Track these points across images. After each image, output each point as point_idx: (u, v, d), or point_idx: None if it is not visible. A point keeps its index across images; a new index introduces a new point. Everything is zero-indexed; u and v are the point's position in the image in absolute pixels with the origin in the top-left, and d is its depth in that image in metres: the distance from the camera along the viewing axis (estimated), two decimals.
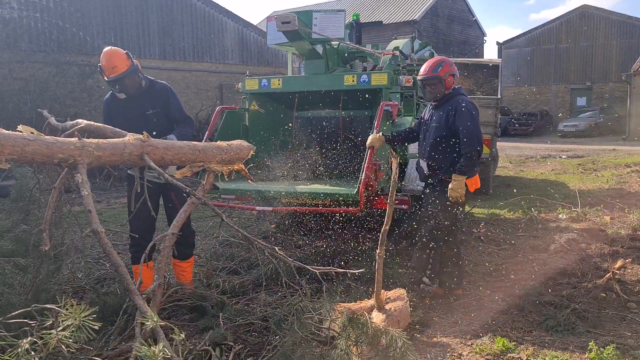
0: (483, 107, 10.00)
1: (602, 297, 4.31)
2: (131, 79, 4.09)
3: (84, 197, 2.60)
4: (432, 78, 4.49)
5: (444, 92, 4.51)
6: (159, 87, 4.30)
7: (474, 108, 4.45)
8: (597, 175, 12.55)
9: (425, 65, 4.59)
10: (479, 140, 4.36)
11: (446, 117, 4.42)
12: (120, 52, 4.09)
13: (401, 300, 3.82)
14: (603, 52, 30.98)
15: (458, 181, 4.27)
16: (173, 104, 4.29)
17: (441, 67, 4.49)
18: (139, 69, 4.14)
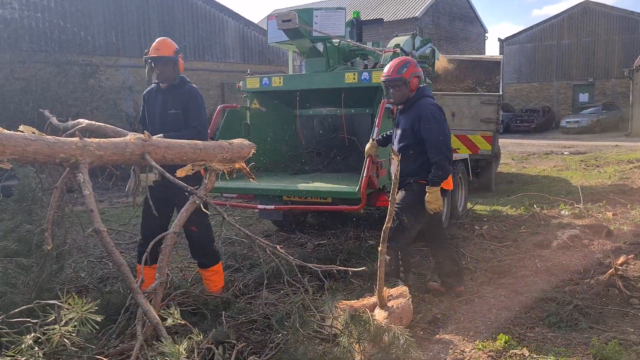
0: (485, 104, 10.01)
1: (604, 293, 4.30)
2: (164, 66, 4.15)
3: (85, 197, 2.60)
4: (396, 80, 4.32)
5: (409, 94, 4.36)
6: (187, 88, 4.27)
7: (439, 112, 4.31)
8: (600, 171, 12.53)
9: (389, 66, 4.41)
10: (446, 147, 4.24)
11: (411, 123, 4.28)
12: (170, 43, 4.23)
13: (403, 298, 3.82)
14: (605, 48, 30.89)
15: (433, 193, 4.16)
16: (191, 109, 4.20)
17: (406, 68, 4.32)
18: (179, 66, 4.21)
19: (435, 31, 32.29)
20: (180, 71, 4.26)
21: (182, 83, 4.28)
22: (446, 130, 4.30)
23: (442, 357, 3.37)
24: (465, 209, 7.70)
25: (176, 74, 4.22)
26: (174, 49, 4.19)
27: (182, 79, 4.30)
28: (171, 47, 4.19)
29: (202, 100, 4.30)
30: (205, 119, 4.29)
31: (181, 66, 4.25)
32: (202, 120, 4.24)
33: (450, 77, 11.41)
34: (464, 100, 10.17)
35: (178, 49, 4.23)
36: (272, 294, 4.31)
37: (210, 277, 4.27)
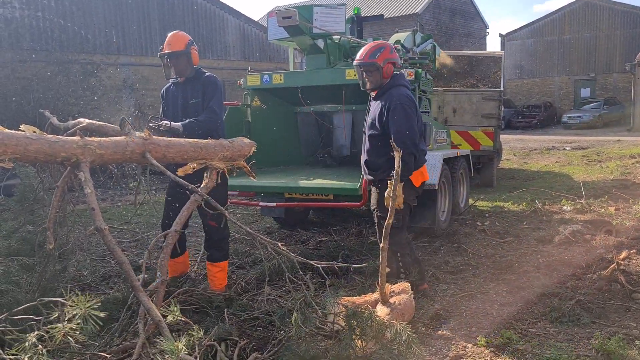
0: (486, 99, 10.00)
1: (607, 288, 4.30)
2: (178, 60, 4.19)
3: (87, 195, 2.61)
4: (368, 65, 4.13)
5: (382, 81, 4.16)
6: (204, 77, 4.30)
7: (409, 103, 4.08)
8: (602, 166, 12.51)
9: (362, 50, 4.22)
10: (412, 142, 3.97)
11: (380, 114, 4.09)
12: (182, 35, 4.26)
13: (405, 294, 3.82)
14: (607, 42, 30.81)
15: (394, 189, 3.90)
16: (208, 94, 4.23)
17: (380, 52, 4.11)
18: (192, 58, 4.23)
19: (436, 27, 32.23)
20: (196, 63, 4.28)
21: (199, 74, 4.31)
22: (414, 124, 4.06)
23: (445, 352, 3.38)
24: (467, 205, 7.70)
25: (191, 66, 4.25)
26: (185, 42, 4.20)
27: (199, 70, 4.32)
28: (183, 40, 4.21)
29: (220, 86, 4.32)
30: (222, 102, 4.31)
31: (195, 58, 4.26)
32: (218, 101, 4.25)
33: (451, 73, 11.40)
34: (465, 96, 10.17)
35: (190, 41, 4.25)
36: (275, 291, 4.32)
37: (217, 273, 4.30)
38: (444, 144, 7.39)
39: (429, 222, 6.00)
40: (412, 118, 4.05)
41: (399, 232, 4.14)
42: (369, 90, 4.29)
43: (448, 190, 6.56)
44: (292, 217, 6.94)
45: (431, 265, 5.18)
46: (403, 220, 4.19)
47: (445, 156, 6.27)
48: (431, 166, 5.79)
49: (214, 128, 4.07)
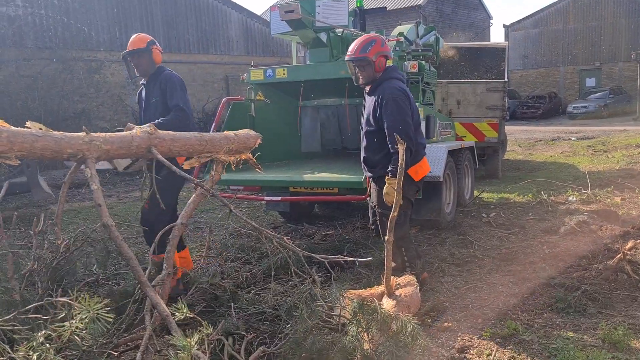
0: (490, 90, 9.96)
1: (613, 278, 4.29)
2: (139, 59, 4.28)
3: (93, 192, 2.63)
4: (360, 59, 4.07)
5: (375, 75, 4.11)
6: (162, 75, 4.32)
7: (402, 96, 4.01)
8: (607, 156, 12.45)
9: (353, 45, 4.15)
10: (406, 135, 3.84)
11: (374, 107, 4.06)
12: (142, 36, 4.35)
13: (411, 286, 3.83)
14: (612, 31, 30.56)
15: (392, 184, 3.87)
16: (168, 92, 4.22)
17: (371, 46, 4.05)
18: (154, 56, 4.30)
19: (439, 19, 32.08)
20: (158, 62, 4.35)
21: (159, 72, 4.34)
22: (407, 117, 3.99)
23: (451, 344, 3.39)
24: (472, 197, 7.69)
25: (152, 65, 4.32)
26: (146, 41, 4.29)
27: (160, 67, 4.37)
28: (144, 40, 4.30)
29: (179, 82, 4.29)
30: (185, 97, 4.27)
31: (157, 56, 4.34)
32: (182, 97, 4.23)
33: (455, 64, 11.36)
34: (469, 87, 10.13)
35: (152, 41, 4.32)
36: (281, 285, 4.34)
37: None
38: (448, 136, 7.38)
39: (434, 214, 6.00)
40: (405, 111, 3.98)
41: (401, 227, 4.10)
42: (362, 85, 4.24)
43: (453, 183, 6.56)
44: (298, 211, 6.95)
45: (436, 258, 5.18)
46: (405, 215, 4.17)
47: (450, 148, 6.26)
48: (436, 158, 5.79)
49: (183, 126, 3.90)
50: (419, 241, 5.81)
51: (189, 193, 9.27)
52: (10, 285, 3.65)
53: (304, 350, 3.13)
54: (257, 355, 3.07)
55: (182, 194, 4.66)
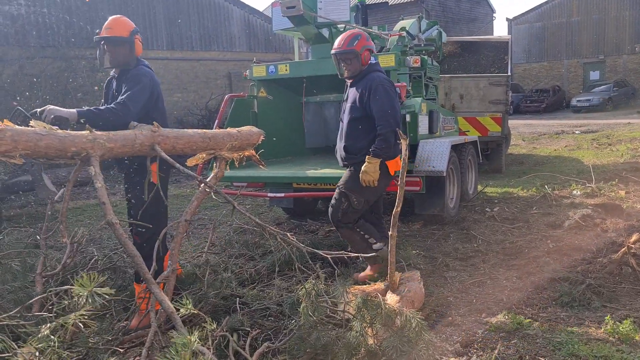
0: (493, 85, 9.93)
1: (617, 271, 4.28)
2: (117, 48, 3.70)
3: (97, 189, 2.64)
4: (347, 52, 4.21)
5: (361, 68, 4.25)
6: (132, 71, 3.75)
7: (390, 85, 4.21)
8: (612, 149, 12.41)
9: (340, 39, 4.30)
10: (395, 120, 4.09)
11: (360, 96, 4.17)
12: (125, 21, 3.79)
13: (415, 281, 3.84)
14: (616, 24, 30.39)
15: (372, 164, 4.03)
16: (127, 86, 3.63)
17: (357, 40, 4.20)
18: (135, 48, 3.77)
19: (442, 13, 31.95)
20: (138, 54, 3.80)
21: (134, 68, 3.77)
22: (396, 104, 4.18)
23: (455, 339, 3.39)
24: (476, 192, 7.68)
25: (131, 58, 3.75)
26: (129, 29, 3.75)
27: (139, 62, 3.82)
28: (127, 27, 3.75)
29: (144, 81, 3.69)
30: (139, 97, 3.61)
31: (138, 49, 3.80)
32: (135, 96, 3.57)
33: (458, 59, 11.32)
34: (472, 81, 10.11)
35: (135, 29, 3.79)
36: (285, 282, 4.35)
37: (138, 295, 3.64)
38: (451, 130, 7.36)
39: (437, 209, 6.00)
40: (394, 98, 4.16)
41: (355, 213, 4.20)
42: (347, 78, 4.36)
43: (456, 177, 6.55)
44: (301, 207, 6.96)
45: (440, 252, 5.19)
46: (365, 204, 4.22)
47: (453, 143, 6.25)
48: (439, 153, 5.78)
49: (120, 124, 3.21)
50: (423, 236, 5.81)
51: (192, 190, 9.29)
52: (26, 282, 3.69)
53: (309, 345, 3.15)
54: (261, 351, 3.08)
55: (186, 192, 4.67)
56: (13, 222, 7.26)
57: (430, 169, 5.68)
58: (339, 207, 4.21)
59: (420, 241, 5.64)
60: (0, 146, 2.35)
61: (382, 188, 4.27)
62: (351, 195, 4.13)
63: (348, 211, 4.17)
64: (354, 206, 4.16)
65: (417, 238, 5.77)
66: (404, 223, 6.28)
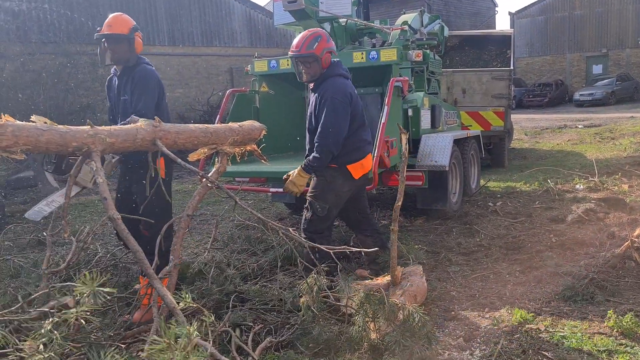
0: (496, 79, 9.90)
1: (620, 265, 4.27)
2: (117, 45, 3.75)
3: (99, 185, 2.63)
4: (306, 56, 3.91)
5: (320, 71, 3.95)
6: (137, 72, 3.80)
7: (342, 98, 3.85)
8: (615, 143, 12.37)
9: (298, 40, 3.97)
10: (335, 140, 3.80)
11: (315, 104, 3.95)
12: (125, 18, 3.83)
13: (417, 276, 3.84)
14: (619, 17, 30.21)
15: (302, 177, 3.87)
16: (137, 93, 3.72)
17: (317, 42, 3.89)
18: (135, 45, 3.81)
19: (444, 7, 31.82)
20: (138, 51, 3.84)
21: (136, 65, 3.82)
22: (341, 121, 3.84)
23: (458, 333, 3.39)
24: (479, 186, 7.67)
25: (131, 55, 3.79)
26: (129, 26, 3.79)
27: (139, 59, 3.85)
28: (127, 24, 3.79)
29: (152, 81, 3.80)
30: (152, 102, 3.76)
31: (138, 46, 3.84)
32: (148, 103, 3.71)
33: (460, 53, 11.28)
34: (474, 76, 10.07)
35: (135, 27, 3.84)
36: (288, 277, 4.35)
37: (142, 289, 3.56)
38: (453, 125, 7.34)
39: (440, 203, 5.99)
40: (340, 115, 3.84)
41: (321, 222, 3.98)
42: (306, 82, 4.10)
43: (459, 172, 6.53)
44: (303, 202, 6.93)
45: (443, 247, 5.18)
46: (329, 211, 3.99)
47: (456, 137, 6.23)
48: (441, 148, 5.77)
49: None
50: (426, 231, 5.80)
51: (194, 186, 9.28)
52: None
53: (312, 340, 3.15)
54: (264, 346, 3.08)
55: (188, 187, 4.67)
56: (16, 218, 7.27)
57: (432, 163, 5.67)
58: (305, 214, 4.05)
59: (423, 236, 5.64)
60: (2, 141, 2.34)
61: (345, 195, 4.06)
62: (314, 202, 3.96)
63: (313, 219, 3.96)
64: (318, 213, 3.95)
65: (419, 233, 5.76)
66: (407, 218, 6.27)
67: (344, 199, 4.07)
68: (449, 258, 4.85)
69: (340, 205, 4.10)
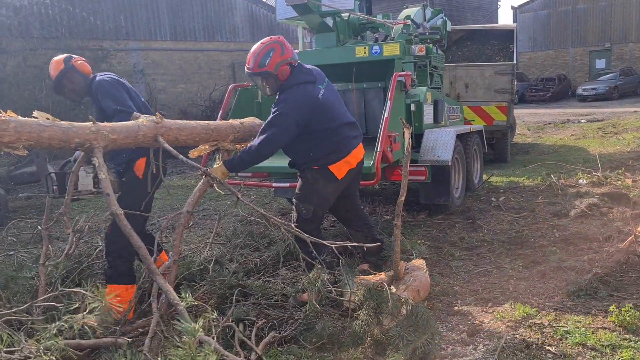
0: (499, 74, 9.86)
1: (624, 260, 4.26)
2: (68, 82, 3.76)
3: (101, 181, 2.64)
4: (260, 74, 3.77)
5: (280, 84, 3.80)
6: (93, 86, 3.72)
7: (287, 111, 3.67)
8: (618, 138, 12.33)
9: (250, 56, 3.79)
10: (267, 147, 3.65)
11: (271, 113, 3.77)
12: (55, 60, 3.81)
13: (420, 270, 3.84)
14: (622, 11, 30.04)
15: (221, 170, 3.61)
16: (101, 101, 3.60)
17: (269, 58, 3.71)
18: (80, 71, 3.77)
19: (446, 1, 31.67)
20: (87, 73, 3.79)
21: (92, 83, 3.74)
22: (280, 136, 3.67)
23: (461, 328, 3.39)
24: (481, 181, 7.65)
25: (84, 80, 3.77)
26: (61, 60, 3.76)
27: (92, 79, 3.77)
28: (58, 61, 3.77)
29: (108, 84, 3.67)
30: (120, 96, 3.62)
31: (84, 68, 3.79)
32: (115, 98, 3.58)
33: (463, 47, 11.24)
34: (477, 70, 10.04)
35: (67, 57, 3.79)
36: (291, 272, 4.35)
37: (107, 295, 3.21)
38: (456, 120, 7.32)
39: (443, 199, 5.98)
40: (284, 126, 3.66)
41: (307, 223, 3.82)
42: (270, 96, 3.96)
43: (462, 167, 6.52)
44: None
45: (446, 242, 5.18)
46: (315, 213, 3.90)
47: (458, 132, 6.22)
48: (444, 143, 5.76)
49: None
50: (428, 226, 5.79)
51: (196, 181, 9.29)
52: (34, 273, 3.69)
53: (315, 335, 3.15)
54: (267, 341, 3.09)
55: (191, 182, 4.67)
56: (19, 213, 7.29)
57: (435, 158, 5.65)
58: (293, 216, 3.98)
59: (426, 231, 5.63)
60: (4, 137, 2.34)
61: (330, 195, 3.97)
62: (299, 204, 3.90)
63: (299, 221, 3.82)
64: (303, 216, 3.86)
65: (422, 228, 5.75)
66: (409, 213, 6.27)
67: (329, 200, 3.99)
68: (452, 253, 4.85)
69: (326, 206, 4.03)
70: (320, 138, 3.82)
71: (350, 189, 4.18)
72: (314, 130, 3.79)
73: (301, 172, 3.99)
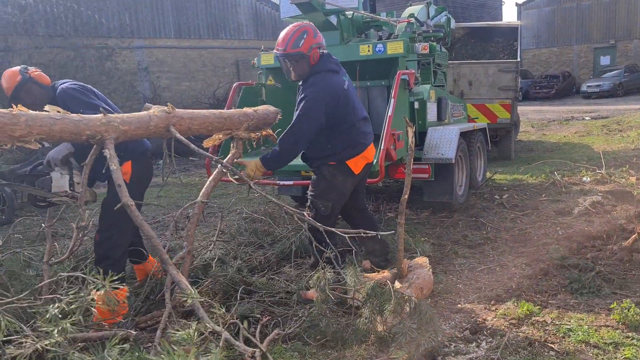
0: (503, 71, 9.85)
1: (627, 258, 4.27)
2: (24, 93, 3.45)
3: (112, 172, 2.65)
4: (293, 55, 3.69)
5: (309, 69, 3.73)
6: (58, 95, 3.48)
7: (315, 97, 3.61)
8: (622, 135, 12.29)
9: (283, 38, 3.72)
10: (295, 140, 3.62)
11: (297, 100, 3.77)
12: (9, 71, 3.55)
13: (423, 268, 3.85)
14: (627, 7, 29.89)
15: (256, 168, 3.66)
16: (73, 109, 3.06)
17: (303, 40, 3.66)
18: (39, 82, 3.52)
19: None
20: (46, 83, 3.55)
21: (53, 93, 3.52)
22: (312, 121, 3.63)
23: (464, 326, 3.40)
24: (485, 179, 7.66)
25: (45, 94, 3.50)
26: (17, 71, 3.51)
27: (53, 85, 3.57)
28: (13, 73, 3.50)
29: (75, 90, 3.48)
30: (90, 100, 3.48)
31: (42, 79, 3.55)
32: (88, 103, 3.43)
33: (467, 45, 11.22)
34: (481, 68, 10.03)
35: (23, 68, 3.53)
36: (295, 270, 4.37)
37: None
38: (460, 117, 7.33)
39: (446, 196, 5.99)
40: (313, 116, 3.62)
41: (325, 220, 3.72)
42: (294, 80, 3.87)
43: (465, 164, 6.53)
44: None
45: (449, 240, 5.19)
46: (333, 209, 3.87)
47: (462, 130, 6.22)
48: (448, 140, 5.76)
49: None
50: (432, 223, 5.81)
51: (201, 178, 9.31)
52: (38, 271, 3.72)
53: (319, 332, 3.18)
54: (272, 338, 3.11)
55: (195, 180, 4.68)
56: (25, 211, 7.33)
57: (438, 156, 5.67)
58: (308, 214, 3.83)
59: (429, 228, 5.65)
60: (16, 131, 2.36)
61: (347, 190, 3.94)
62: (316, 201, 3.86)
63: (317, 218, 3.71)
64: (322, 212, 3.82)
65: (425, 225, 5.77)
66: (413, 210, 6.28)
67: (347, 195, 3.98)
68: (455, 251, 4.87)
69: (343, 201, 4.00)
70: (339, 131, 3.80)
71: (360, 186, 4.18)
72: (335, 123, 3.77)
73: (316, 168, 3.93)
